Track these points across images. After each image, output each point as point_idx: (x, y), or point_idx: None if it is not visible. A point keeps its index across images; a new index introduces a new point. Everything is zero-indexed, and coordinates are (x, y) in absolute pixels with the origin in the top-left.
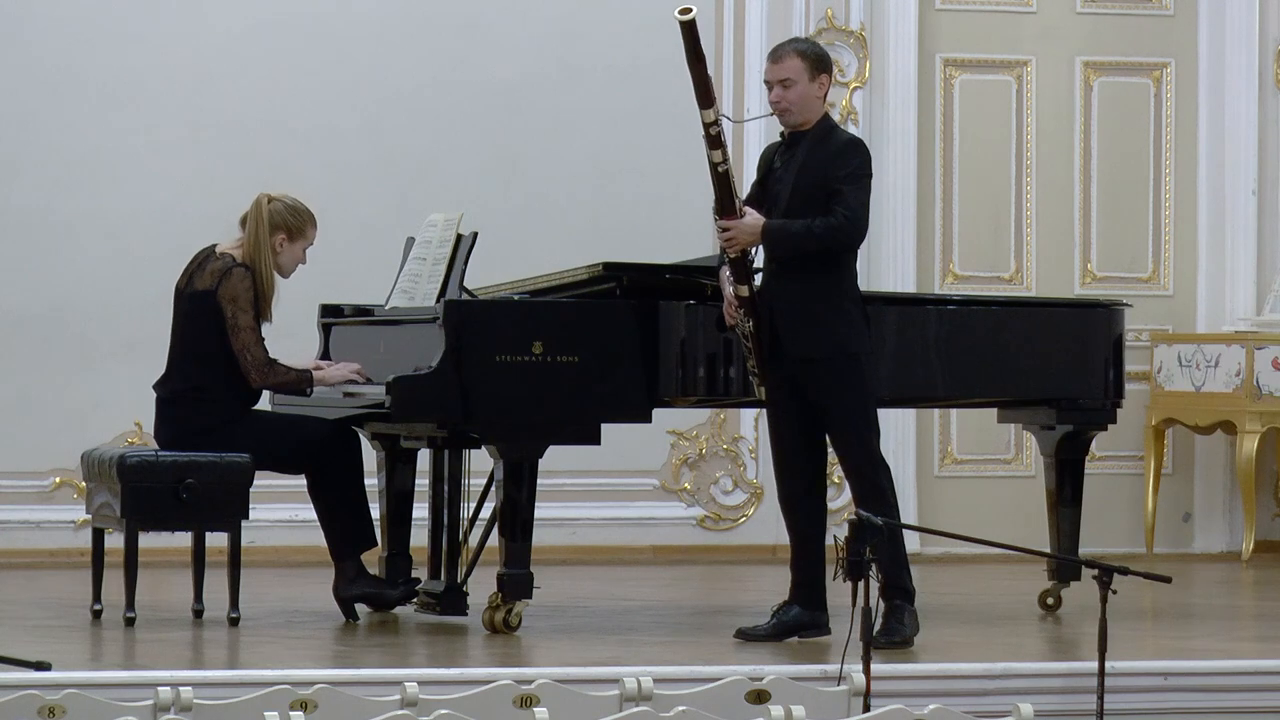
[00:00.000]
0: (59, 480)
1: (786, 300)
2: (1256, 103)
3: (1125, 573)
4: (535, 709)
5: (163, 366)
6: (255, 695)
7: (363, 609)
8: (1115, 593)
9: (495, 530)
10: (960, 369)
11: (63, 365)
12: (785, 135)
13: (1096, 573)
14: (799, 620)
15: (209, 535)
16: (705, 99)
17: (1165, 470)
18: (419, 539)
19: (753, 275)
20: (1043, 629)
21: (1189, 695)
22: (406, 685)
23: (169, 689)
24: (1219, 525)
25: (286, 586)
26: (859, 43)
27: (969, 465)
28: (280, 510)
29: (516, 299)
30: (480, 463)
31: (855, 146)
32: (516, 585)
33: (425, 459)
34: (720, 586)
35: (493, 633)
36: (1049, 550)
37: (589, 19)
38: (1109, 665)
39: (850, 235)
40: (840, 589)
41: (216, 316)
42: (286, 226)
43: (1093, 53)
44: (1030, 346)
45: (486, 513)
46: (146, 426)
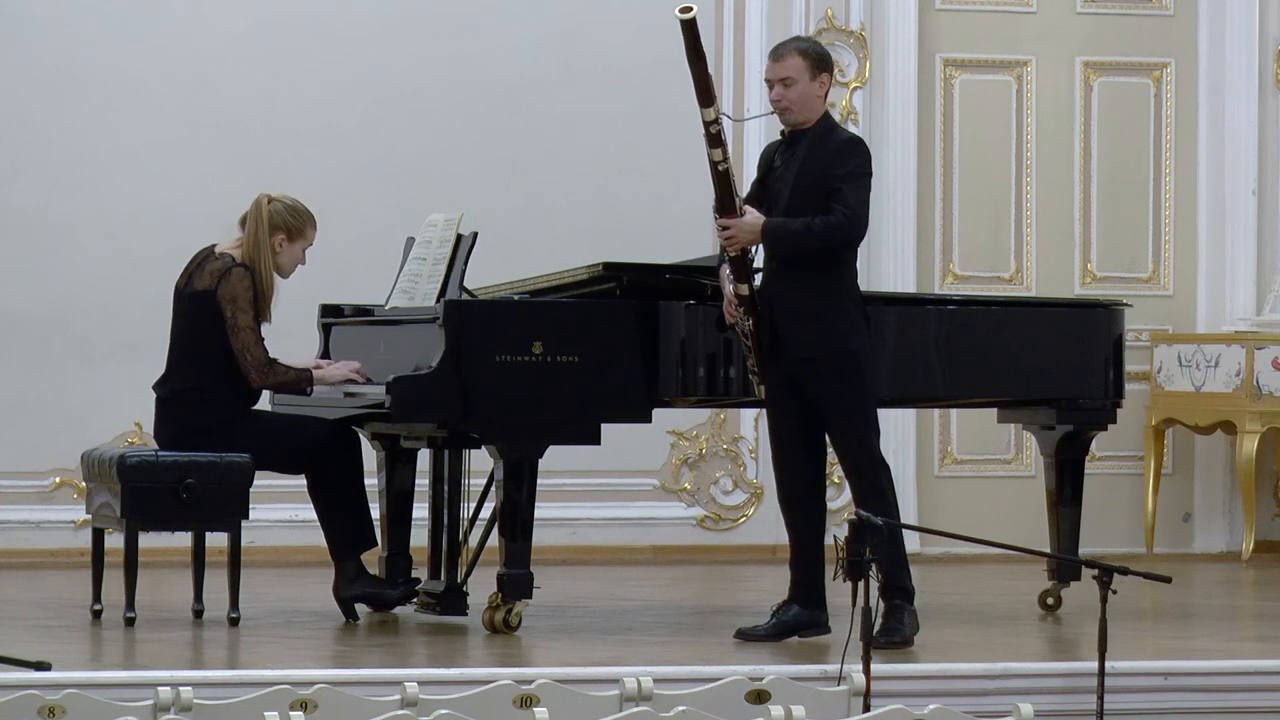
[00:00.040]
0: (59, 480)
1: (786, 299)
2: (1256, 103)
3: (1125, 573)
4: (535, 709)
5: (163, 366)
6: (255, 695)
7: (363, 609)
8: (1115, 593)
9: (495, 530)
10: (960, 369)
11: (63, 365)
12: (785, 134)
13: (1096, 573)
14: (799, 620)
15: (209, 535)
16: (705, 97)
17: (1165, 470)
18: (419, 539)
19: (753, 274)
20: (1043, 629)
21: (1189, 695)
22: (406, 685)
23: (169, 689)
24: (1219, 525)
25: (286, 586)
26: (859, 43)
27: (969, 465)
28: (280, 510)
29: (516, 299)
30: (480, 463)
31: (855, 145)
32: (516, 585)
33: (425, 459)
34: (720, 586)
35: (493, 633)
36: (1049, 550)
37: (589, 19)
38: (1109, 665)
39: (850, 234)
40: (840, 589)
41: (216, 316)
42: (286, 227)
43: (1093, 53)
44: (1030, 346)
45: (486, 513)
46: (146, 426)
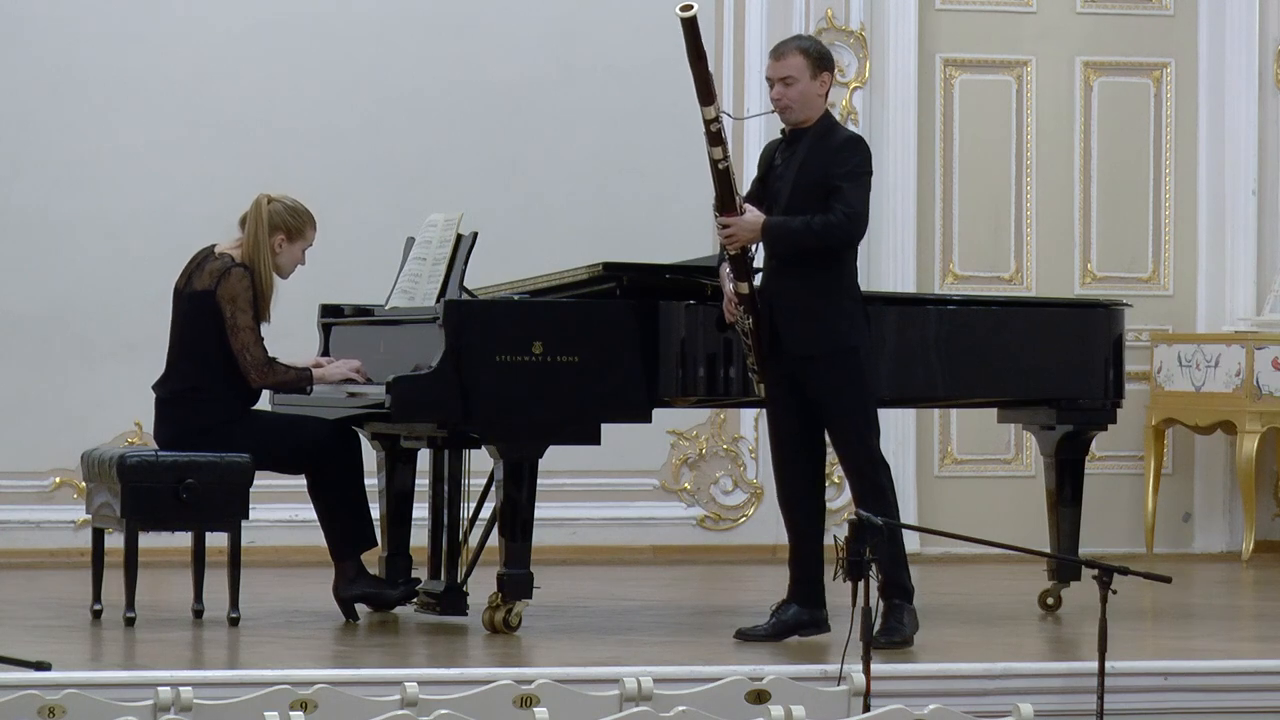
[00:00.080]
0: (59, 480)
1: (786, 297)
2: (1256, 103)
3: (1125, 573)
4: (535, 709)
5: (162, 366)
6: (255, 695)
7: (363, 609)
8: (1115, 593)
9: (495, 530)
10: (960, 369)
11: (63, 365)
12: (786, 132)
13: (1096, 573)
14: (798, 619)
15: (209, 535)
16: (706, 96)
17: (1165, 470)
18: (419, 539)
19: (753, 272)
20: (1043, 629)
21: (1189, 695)
22: (406, 685)
23: (169, 689)
24: (1219, 525)
25: (286, 586)
26: (859, 43)
27: (969, 465)
28: (280, 510)
29: (516, 299)
30: (480, 463)
31: (855, 144)
32: (516, 585)
33: (425, 459)
34: (720, 586)
35: (493, 633)
36: (1049, 550)
37: (589, 19)
38: (1109, 665)
39: (850, 232)
40: (840, 589)
41: (215, 316)
42: (286, 227)
43: (1093, 53)
44: (1030, 346)
45: (486, 513)
46: (146, 426)
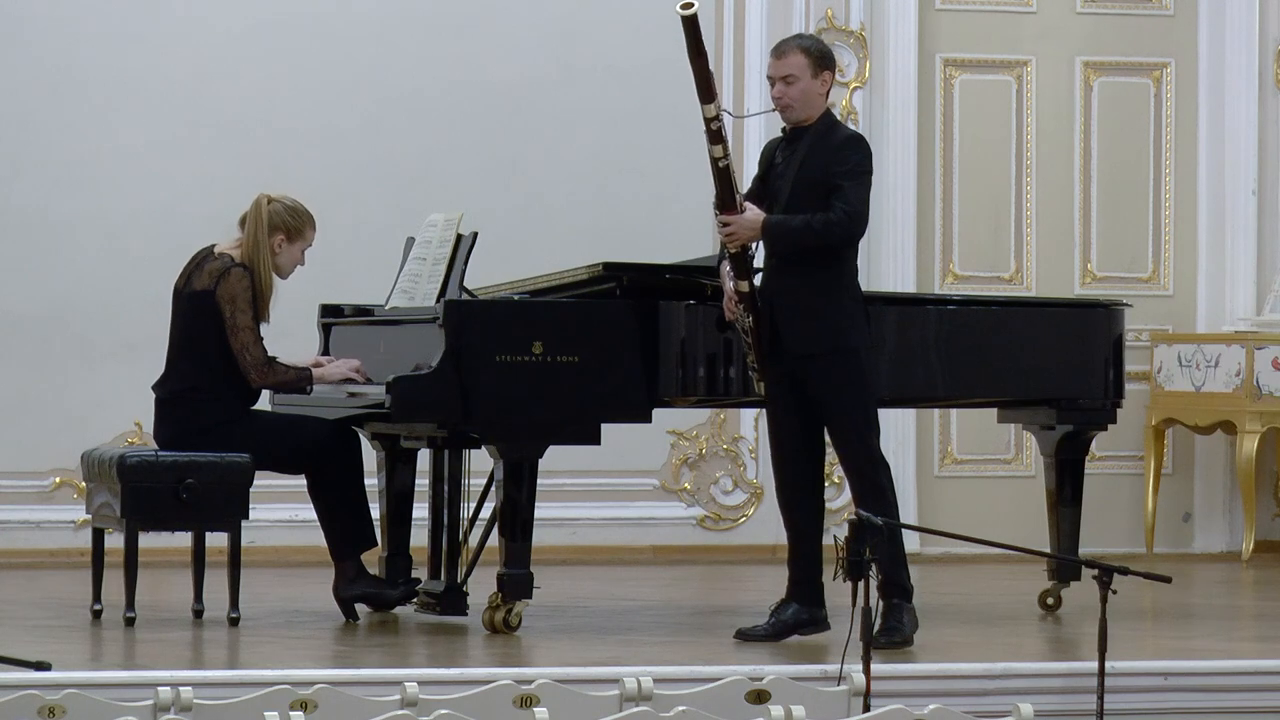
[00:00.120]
0: (59, 480)
1: (787, 296)
2: (1256, 103)
3: (1125, 573)
4: (535, 709)
5: (162, 366)
6: (255, 695)
7: (363, 609)
8: (1115, 593)
9: (495, 530)
10: (960, 369)
11: (63, 365)
12: (787, 131)
13: (1096, 573)
14: (797, 618)
15: (209, 535)
16: (706, 94)
17: (1165, 470)
18: (419, 539)
19: (753, 271)
20: (1043, 629)
21: (1189, 695)
22: (406, 685)
23: (169, 689)
24: (1219, 525)
25: (286, 586)
26: (859, 43)
27: (969, 465)
28: (280, 510)
29: (516, 299)
30: (480, 463)
31: (856, 142)
32: (516, 585)
33: (425, 459)
34: (720, 586)
35: (493, 633)
36: (1049, 550)
37: (589, 19)
38: (1109, 665)
39: (850, 230)
40: (839, 588)
41: (215, 316)
42: (285, 227)
43: (1093, 53)
44: (1030, 346)
45: (486, 513)
46: (146, 426)
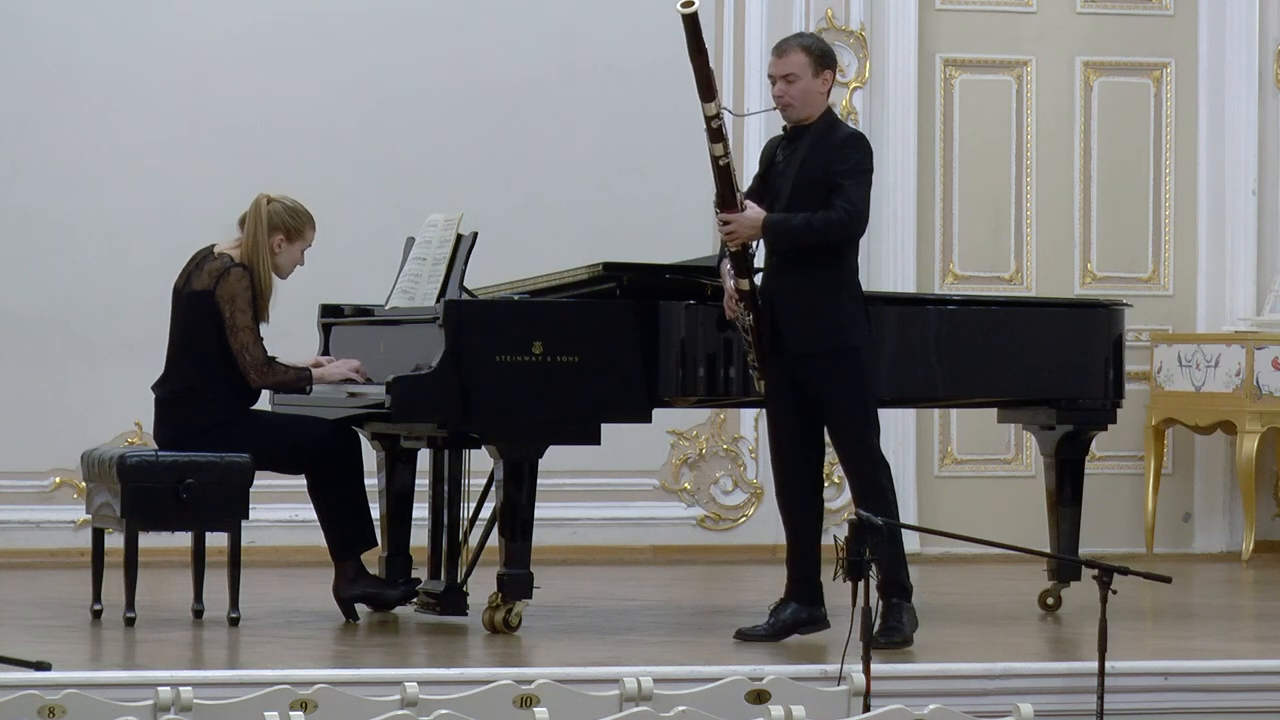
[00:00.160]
0: (59, 480)
1: (787, 294)
2: (1256, 103)
3: (1125, 573)
4: (535, 709)
5: (162, 366)
6: (255, 695)
7: (363, 609)
8: (1115, 593)
9: (495, 530)
10: (960, 369)
11: (63, 365)
12: (787, 129)
13: (1096, 573)
14: (796, 617)
15: (209, 535)
16: (707, 92)
17: (1165, 470)
18: (419, 539)
19: (753, 269)
20: (1043, 629)
21: (1189, 695)
22: (406, 685)
23: (169, 689)
24: (1219, 525)
25: (286, 586)
26: (859, 43)
27: (969, 465)
28: (280, 510)
29: (516, 299)
30: (480, 463)
31: (856, 141)
32: (516, 585)
33: (425, 459)
34: (720, 586)
35: (493, 633)
36: (1049, 550)
37: (589, 19)
38: (1109, 665)
39: (850, 229)
40: (839, 588)
41: (214, 316)
42: (285, 227)
43: (1093, 53)
44: (1030, 346)
45: (486, 513)
46: (146, 426)
